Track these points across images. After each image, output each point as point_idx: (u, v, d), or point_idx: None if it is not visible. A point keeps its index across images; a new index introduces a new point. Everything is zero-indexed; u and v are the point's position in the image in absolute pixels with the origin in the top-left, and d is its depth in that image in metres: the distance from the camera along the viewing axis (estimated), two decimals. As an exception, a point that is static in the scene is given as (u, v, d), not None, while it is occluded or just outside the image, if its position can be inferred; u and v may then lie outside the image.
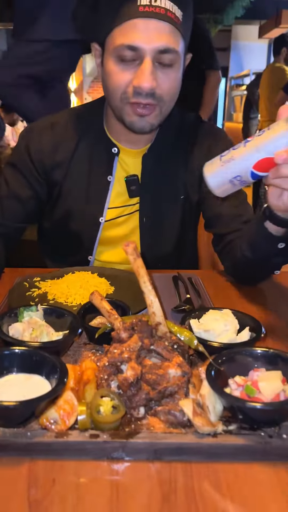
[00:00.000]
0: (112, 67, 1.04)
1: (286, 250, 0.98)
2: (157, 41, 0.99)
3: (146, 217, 1.23)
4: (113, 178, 1.21)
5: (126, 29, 0.99)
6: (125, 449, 0.56)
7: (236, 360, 0.67)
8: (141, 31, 0.98)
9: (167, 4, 0.99)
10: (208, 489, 0.53)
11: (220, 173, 0.78)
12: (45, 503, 0.50)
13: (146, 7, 0.97)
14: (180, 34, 1.03)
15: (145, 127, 1.10)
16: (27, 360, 0.65)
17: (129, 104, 1.06)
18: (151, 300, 0.65)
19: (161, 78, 1.03)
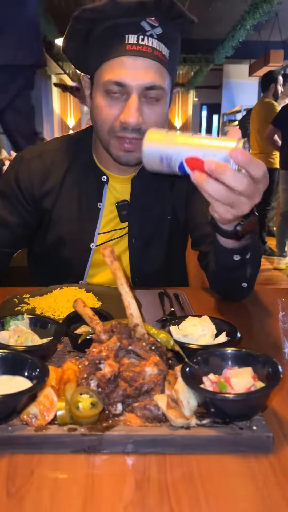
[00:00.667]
0: (100, 101, 1.09)
1: (245, 263, 1.01)
2: (144, 78, 1.03)
3: (135, 238, 1.27)
4: (103, 205, 1.25)
5: (114, 66, 1.04)
6: (101, 441, 0.58)
7: (211, 360, 0.70)
8: (128, 68, 1.03)
9: (154, 43, 1.03)
10: (180, 479, 0.55)
11: (157, 144, 0.80)
12: (22, 491, 0.52)
13: (134, 45, 1.02)
14: (167, 71, 1.08)
15: (131, 161, 1.14)
16: (10, 362, 0.68)
17: (116, 138, 1.10)
18: (128, 302, 0.69)
19: (147, 113, 1.07)
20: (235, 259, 1.00)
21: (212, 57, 9.10)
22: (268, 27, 7.65)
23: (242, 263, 1.02)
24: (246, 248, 0.99)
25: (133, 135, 1.08)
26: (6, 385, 0.65)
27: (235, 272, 1.06)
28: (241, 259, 1.00)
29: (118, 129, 1.08)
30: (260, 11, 5.79)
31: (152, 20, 1.04)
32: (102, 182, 1.24)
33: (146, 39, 1.03)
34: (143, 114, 1.07)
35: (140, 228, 1.27)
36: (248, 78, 10.04)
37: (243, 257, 1.00)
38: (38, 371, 0.65)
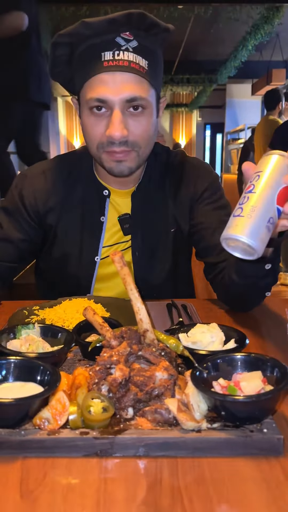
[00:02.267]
0: (86, 120, 1.12)
1: (273, 270, 1.02)
2: (124, 92, 1.05)
3: (139, 251, 1.27)
4: (105, 219, 1.26)
5: (94, 84, 1.07)
6: (113, 445, 0.59)
7: (220, 365, 0.70)
8: (108, 84, 1.05)
9: (130, 56, 1.05)
10: (192, 482, 0.55)
11: (253, 226, 0.74)
12: (36, 493, 0.53)
13: (110, 61, 1.04)
14: (147, 82, 1.09)
15: (124, 171, 1.15)
16: (22, 369, 0.69)
17: (105, 152, 1.13)
18: (138, 307, 0.70)
19: (132, 125, 1.09)
20: (267, 268, 1.00)
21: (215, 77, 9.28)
22: (269, 47, 7.81)
23: (271, 271, 1.01)
24: (277, 256, 1.00)
25: (121, 148, 1.10)
26: (18, 391, 0.66)
27: (263, 281, 1.05)
28: (271, 267, 1.00)
29: (106, 144, 1.10)
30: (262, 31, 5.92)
31: (126, 34, 1.06)
32: (104, 196, 1.26)
33: (121, 54, 1.05)
34: (129, 126, 1.09)
35: (143, 241, 1.28)
36: (251, 97, 10.19)
37: (274, 265, 1.00)
38: (50, 376, 0.66)
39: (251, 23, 6.03)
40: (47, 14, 5.51)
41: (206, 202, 1.28)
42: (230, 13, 5.64)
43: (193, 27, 6.94)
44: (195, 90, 11.46)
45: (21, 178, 1.30)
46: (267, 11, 5.55)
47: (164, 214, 1.30)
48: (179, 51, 8.57)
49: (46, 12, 5.54)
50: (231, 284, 1.12)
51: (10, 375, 0.68)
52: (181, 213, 1.30)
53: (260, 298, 1.15)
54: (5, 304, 1.23)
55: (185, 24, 6.74)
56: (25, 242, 1.27)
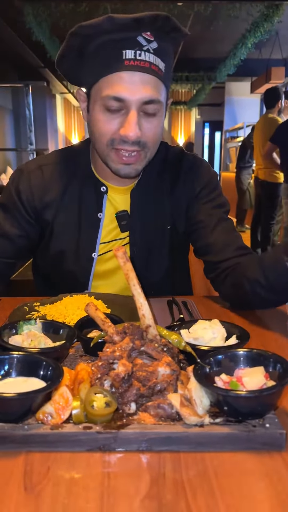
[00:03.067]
0: (99, 116, 1.10)
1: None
2: (142, 93, 1.05)
3: (137, 248, 1.27)
4: (103, 215, 1.26)
5: (113, 81, 1.05)
6: (116, 439, 0.59)
7: (222, 361, 0.70)
8: (127, 83, 1.04)
9: (151, 58, 1.05)
10: (195, 476, 0.55)
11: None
12: (40, 486, 0.53)
13: (132, 61, 1.03)
14: (163, 84, 1.10)
15: (131, 173, 1.16)
16: (25, 364, 0.69)
17: (114, 150, 1.12)
18: (140, 303, 0.71)
19: (145, 126, 1.09)
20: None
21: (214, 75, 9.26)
22: (269, 45, 7.80)
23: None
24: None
25: (133, 148, 1.10)
26: (21, 386, 0.66)
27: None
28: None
29: (118, 142, 1.10)
30: (261, 29, 5.91)
31: (148, 35, 1.05)
32: (102, 192, 1.26)
33: (143, 54, 1.04)
34: (142, 128, 1.09)
35: (141, 238, 1.28)
36: (250, 95, 10.19)
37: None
38: (53, 371, 0.66)
39: (251, 21, 6.03)
40: (46, 10, 5.50)
41: (204, 200, 1.28)
42: (230, 10, 5.63)
43: (193, 25, 6.92)
44: (194, 88, 11.44)
45: (17, 173, 1.29)
46: (266, 9, 5.55)
47: (161, 211, 1.30)
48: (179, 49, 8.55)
49: (45, 8, 5.53)
50: (255, 296, 1.08)
51: (13, 370, 0.68)
52: (177, 211, 1.30)
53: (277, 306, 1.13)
54: (4, 301, 1.23)
55: (184, 22, 6.72)
56: (22, 238, 1.26)
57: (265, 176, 5.22)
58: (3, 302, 1.23)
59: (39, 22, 5.62)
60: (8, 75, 8.15)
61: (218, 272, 1.23)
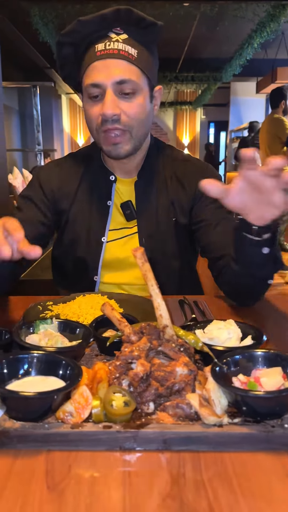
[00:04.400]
0: (86, 106, 1.23)
1: (274, 254, 1.00)
2: (114, 75, 1.16)
3: (145, 237, 1.33)
4: (112, 203, 1.35)
5: (90, 72, 1.19)
6: (136, 438, 0.60)
7: (239, 361, 0.71)
8: (100, 70, 1.17)
9: (119, 45, 1.16)
10: (216, 476, 0.56)
11: None
12: (62, 485, 0.54)
13: (102, 51, 1.16)
14: (137, 68, 1.18)
15: (120, 153, 1.24)
16: (43, 363, 0.69)
17: (103, 133, 1.22)
18: (158, 303, 0.71)
19: (124, 105, 1.18)
20: (264, 252, 0.98)
21: (220, 75, 9.24)
22: (274, 45, 7.78)
23: (271, 256, 1.00)
24: (274, 239, 0.98)
25: (113, 126, 1.19)
26: (40, 385, 0.66)
27: (263, 268, 1.04)
28: (270, 251, 0.98)
29: (101, 124, 1.20)
30: (267, 29, 5.90)
31: (117, 29, 1.18)
32: (111, 181, 1.35)
33: (112, 44, 1.17)
34: (121, 106, 1.18)
35: (148, 227, 1.34)
36: (255, 95, 10.17)
37: (272, 248, 0.98)
38: (72, 370, 0.66)
39: (257, 21, 6.01)
40: (53, 12, 5.52)
41: (208, 200, 1.31)
42: (236, 11, 5.62)
43: (199, 25, 6.91)
44: (200, 88, 11.43)
45: (38, 169, 1.45)
46: (273, 9, 5.53)
47: (165, 203, 1.36)
48: (184, 49, 8.55)
49: (51, 10, 5.54)
50: (233, 274, 1.11)
51: (32, 369, 0.69)
52: (179, 206, 1.35)
53: (263, 286, 1.12)
54: (15, 300, 1.24)
55: (190, 22, 6.72)
56: (43, 225, 1.33)
57: (271, 176, 5.21)
58: (15, 302, 1.23)
59: (46, 23, 5.64)
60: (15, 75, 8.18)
61: (218, 268, 1.24)
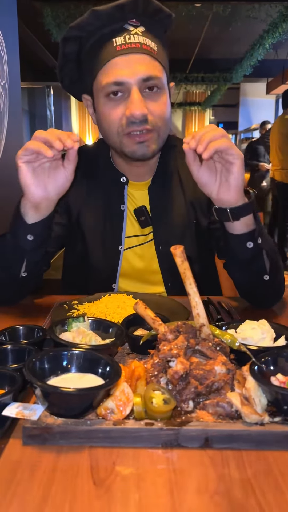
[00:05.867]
0: (103, 108, 1.13)
1: (260, 249, 1.04)
2: (140, 72, 1.08)
3: (162, 244, 1.28)
4: (125, 207, 1.28)
5: (109, 69, 1.09)
6: (178, 436, 0.60)
7: (277, 361, 0.71)
8: (123, 66, 1.08)
9: (140, 39, 1.09)
10: (261, 474, 0.56)
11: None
12: (108, 481, 0.54)
13: (122, 45, 1.08)
14: (159, 63, 1.12)
15: (147, 153, 1.16)
16: (82, 360, 0.70)
17: (125, 136, 1.13)
18: (196, 302, 0.71)
19: (151, 104, 1.11)
20: (249, 246, 1.03)
21: (230, 76, 9.22)
22: (285, 46, 7.75)
23: (257, 251, 1.04)
24: (254, 232, 1.03)
25: (142, 127, 1.10)
26: (79, 382, 0.67)
27: (254, 264, 1.07)
28: (254, 246, 1.03)
29: (127, 125, 1.11)
30: (279, 30, 5.87)
31: (133, 21, 1.11)
32: (122, 184, 1.28)
33: (132, 37, 1.09)
34: (148, 106, 1.11)
35: (165, 234, 1.28)
36: (265, 96, 10.13)
37: (255, 242, 1.03)
38: (111, 368, 0.66)
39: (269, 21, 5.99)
40: (65, 12, 5.53)
41: None
42: (249, 11, 5.61)
43: (210, 26, 6.91)
44: (209, 89, 11.42)
45: None
46: (286, 9, 5.52)
47: (183, 206, 1.30)
48: (195, 50, 8.54)
49: (64, 10, 5.56)
50: (231, 272, 1.16)
51: (71, 366, 0.69)
52: (199, 206, 1.30)
53: (262, 283, 1.11)
54: (37, 299, 1.25)
55: (202, 22, 6.72)
56: (58, 226, 1.28)
57: (281, 177, 5.19)
58: (37, 301, 1.24)
59: (58, 23, 5.65)
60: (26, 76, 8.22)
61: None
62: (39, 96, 8.12)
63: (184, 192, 1.30)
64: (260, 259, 1.07)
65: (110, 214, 1.28)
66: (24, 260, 1.08)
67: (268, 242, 1.10)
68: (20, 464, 0.57)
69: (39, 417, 0.61)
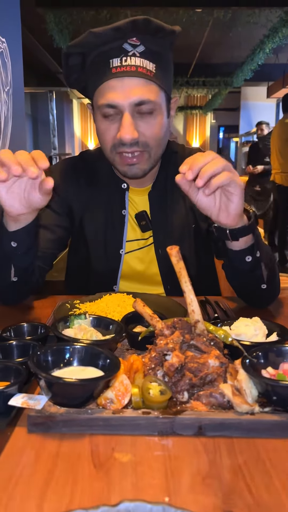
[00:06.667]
0: (99, 124, 1.18)
1: (258, 261, 1.07)
2: (132, 96, 1.10)
3: (161, 248, 1.31)
4: (126, 212, 1.32)
5: (104, 90, 1.13)
6: (173, 424, 0.64)
7: (267, 355, 0.74)
8: (117, 89, 1.11)
9: (137, 61, 1.10)
10: (250, 459, 0.59)
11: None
12: (107, 465, 0.58)
13: (118, 68, 1.10)
14: (155, 85, 1.13)
15: (137, 173, 1.21)
16: (83, 354, 0.74)
17: (118, 154, 1.18)
18: (191, 299, 0.75)
19: (142, 127, 1.14)
20: (248, 260, 1.06)
21: (231, 80, 9.29)
22: (286, 50, 7.81)
23: (256, 263, 1.07)
24: (253, 247, 1.06)
25: (132, 149, 1.15)
26: (80, 374, 0.71)
27: (252, 274, 1.10)
28: (253, 259, 1.06)
29: (118, 145, 1.16)
30: (279, 35, 5.93)
31: (133, 40, 1.11)
32: (123, 190, 1.32)
33: (128, 59, 1.10)
34: (139, 128, 1.14)
35: (164, 238, 1.32)
36: (266, 99, 10.19)
37: (254, 256, 1.06)
38: (110, 361, 0.70)
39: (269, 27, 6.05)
40: (68, 18, 5.61)
41: None
42: (249, 16, 5.68)
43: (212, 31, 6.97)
44: (210, 93, 11.49)
45: (49, 170, 1.36)
46: (286, 14, 5.58)
47: (183, 211, 1.34)
48: (196, 54, 8.62)
49: (66, 16, 5.63)
50: (228, 279, 1.20)
51: (73, 360, 0.73)
52: (198, 211, 1.31)
53: (259, 291, 1.16)
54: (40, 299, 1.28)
55: (203, 28, 6.78)
56: (60, 228, 1.31)
57: (281, 181, 5.24)
58: (40, 301, 1.28)
59: (61, 29, 5.72)
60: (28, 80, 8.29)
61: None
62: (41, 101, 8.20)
63: (184, 197, 1.33)
64: (258, 270, 1.10)
65: (112, 219, 1.32)
66: (11, 265, 1.10)
67: (266, 253, 1.12)
68: (25, 450, 0.61)
69: (43, 407, 0.65)
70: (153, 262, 1.34)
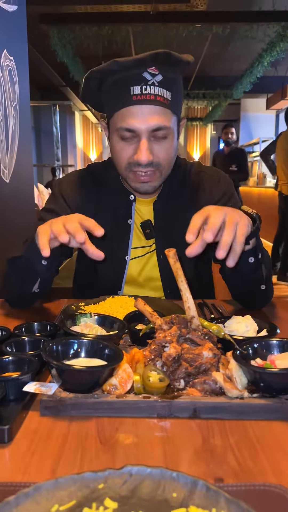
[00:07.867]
0: (116, 145, 1.28)
1: (260, 263, 1.15)
2: (150, 122, 1.20)
3: (163, 255, 1.40)
4: (132, 222, 1.42)
5: (124, 115, 1.21)
6: (171, 407, 0.71)
7: (256, 348, 0.82)
8: (136, 115, 1.20)
9: (156, 90, 1.19)
10: (240, 438, 0.67)
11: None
12: (112, 441, 0.65)
13: (138, 96, 1.18)
14: (170, 112, 1.23)
15: (148, 190, 1.32)
16: (89, 347, 0.81)
17: (132, 172, 1.28)
18: (187, 297, 0.83)
19: (157, 149, 1.24)
20: (250, 261, 1.14)
21: (231, 92, 9.45)
22: (285, 63, 7.97)
23: (257, 264, 1.15)
24: (256, 249, 1.13)
25: (147, 169, 1.26)
26: (86, 364, 0.78)
27: (253, 275, 1.18)
28: (255, 260, 1.14)
29: (133, 165, 1.26)
30: (277, 49, 6.07)
31: (152, 69, 1.19)
32: (130, 201, 1.42)
33: (148, 88, 1.19)
34: (154, 151, 1.24)
35: (166, 246, 1.38)
36: (265, 111, 10.34)
37: (256, 257, 1.14)
38: (114, 353, 0.78)
39: (267, 41, 6.21)
40: (71, 34, 5.77)
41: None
42: (247, 31, 5.83)
43: (211, 45, 7.14)
44: (210, 105, 11.67)
45: (59, 182, 1.48)
46: (283, 29, 5.73)
47: (184, 221, 1.40)
48: (196, 67, 8.80)
49: (69, 32, 5.79)
50: (229, 279, 1.28)
51: (80, 352, 0.81)
52: None
53: (258, 292, 1.25)
54: (47, 303, 1.36)
55: (202, 42, 6.95)
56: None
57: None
58: (47, 305, 1.36)
59: (64, 44, 5.88)
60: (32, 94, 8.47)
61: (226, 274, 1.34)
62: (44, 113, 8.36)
63: (187, 208, 1.41)
64: (259, 271, 1.19)
65: (118, 228, 1.41)
66: (38, 279, 1.21)
67: (266, 255, 1.21)
68: (38, 431, 0.68)
69: (54, 392, 0.72)
70: (155, 268, 1.42)
